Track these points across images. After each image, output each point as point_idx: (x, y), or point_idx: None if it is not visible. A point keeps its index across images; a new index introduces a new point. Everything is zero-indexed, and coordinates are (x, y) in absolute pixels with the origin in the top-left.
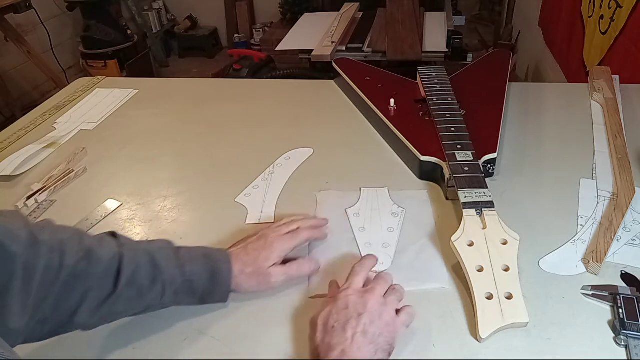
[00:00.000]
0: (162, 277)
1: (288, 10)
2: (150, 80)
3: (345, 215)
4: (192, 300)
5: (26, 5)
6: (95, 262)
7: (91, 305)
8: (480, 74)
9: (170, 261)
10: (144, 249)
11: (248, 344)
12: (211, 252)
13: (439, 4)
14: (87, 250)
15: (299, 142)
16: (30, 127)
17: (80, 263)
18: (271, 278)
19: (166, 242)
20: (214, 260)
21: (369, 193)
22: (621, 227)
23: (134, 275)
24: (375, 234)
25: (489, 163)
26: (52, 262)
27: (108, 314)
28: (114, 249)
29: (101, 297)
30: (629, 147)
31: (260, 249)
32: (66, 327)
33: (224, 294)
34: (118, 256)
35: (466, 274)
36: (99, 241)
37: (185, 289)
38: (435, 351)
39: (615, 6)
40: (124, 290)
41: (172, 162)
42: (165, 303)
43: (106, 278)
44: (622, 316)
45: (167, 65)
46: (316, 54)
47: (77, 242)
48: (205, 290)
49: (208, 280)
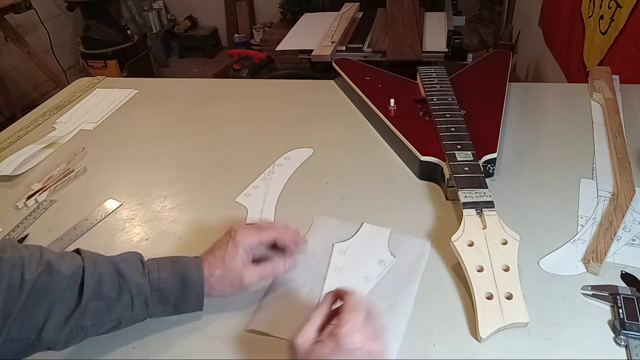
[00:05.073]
0: (128, 287)
1: (288, 10)
2: (150, 80)
3: (331, 250)
4: (166, 309)
5: (26, 5)
6: (57, 276)
7: (57, 321)
8: (480, 74)
9: (136, 270)
10: (107, 261)
11: (248, 344)
12: (180, 258)
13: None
14: (47, 264)
15: (299, 142)
16: (30, 127)
17: (41, 277)
18: (244, 280)
19: (133, 253)
20: (183, 266)
21: (369, 231)
22: (621, 227)
23: (98, 286)
24: (348, 280)
25: (489, 163)
26: (13, 279)
27: (76, 329)
28: (76, 262)
29: (66, 311)
30: (629, 147)
31: (224, 247)
32: (35, 346)
33: (197, 300)
34: (81, 269)
35: (466, 274)
36: (60, 256)
37: (155, 297)
38: (435, 351)
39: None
40: (89, 303)
41: (172, 162)
42: (138, 315)
43: (69, 291)
44: (622, 316)
45: (167, 65)
46: (316, 54)
47: (37, 257)
48: (177, 298)
49: (179, 287)
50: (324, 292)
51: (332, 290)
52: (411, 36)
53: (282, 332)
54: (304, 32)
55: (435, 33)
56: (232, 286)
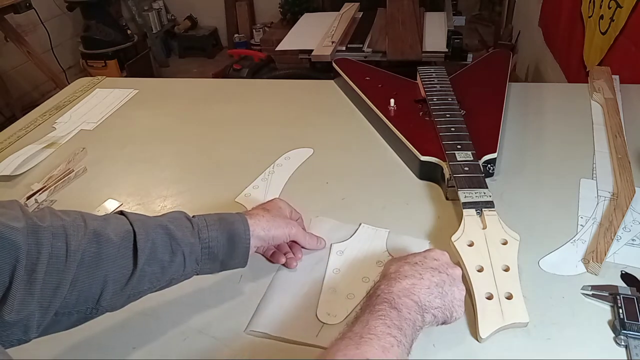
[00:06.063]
0: (180, 248)
1: (288, 10)
2: (150, 80)
3: (329, 250)
4: (214, 266)
5: (26, 5)
6: (106, 243)
7: (114, 288)
8: (480, 74)
9: (186, 230)
10: (157, 224)
11: (248, 344)
12: (226, 215)
13: (439, 4)
14: (93, 232)
15: (299, 142)
16: (30, 127)
17: (90, 247)
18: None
19: (179, 212)
20: (230, 223)
21: (366, 232)
22: (621, 227)
23: (153, 251)
24: (346, 281)
25: (489, 163)
26: (56, 249)
27: (133, 293)
28: (124, 226)
29: (122, 278)
30: (629, 147)
31: (269, 203)
32: (93, 314)
33: (243, 257)
34: (131, 234)
35: (466, 274)
36: (105, 221)
37: (205, 255)
38: (435, 351)
39: (615, 6)
40: (144, 268)
41: (172, 162)
42: (189, 273)
43: (122, 258)
44: (622, 316)
45: (167, 65)
46: (316, 54)
47: (81, 225)
48: (225, 255)
49: (227, 244)
50: (323, 292)
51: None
52: (411, 36)
53: (282, 333)
54: (304, 32)
55: (435, 33)
56: (279, 227)
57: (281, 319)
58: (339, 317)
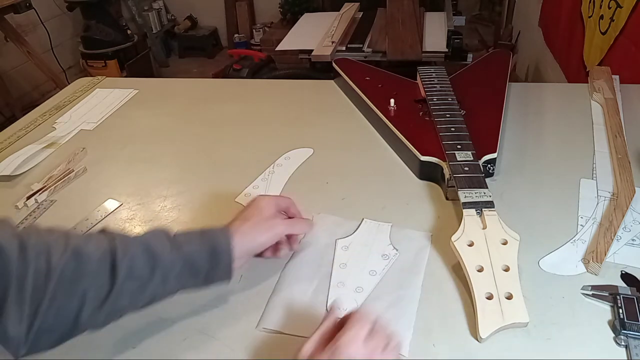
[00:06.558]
0: (160, 264)
1: (288, 10)
2: (150, 80)
3: (334, 246)
4: (197, 281)
5: (26, 5)
6: (86, 261)
7: (93, 305)
8: (480, 74)
9: (166, 246)
10: (136, 240)
11: (248, 344)
12: (207, 229)
13: (439, 4)
14: (74, 249)
15: (299, 142)
16: (30, 127)
17: (69, 264)
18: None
19: (160, 229)
20: (212, 236)
21: (369, 226)
22: (621, 227)
23: (131, 267)
24: (353, 275)
25: (489, 163)
26: (39, 266)
27: (113, 310)
28: (104, 244)
29: (101, 295)
30: (629, 147)
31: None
32: (74, 331)
33: (227, 270)
34: (110, 251)
35: (466, 274)
36: (86, 239)
37: (186, 271)
38: (435, 351)
39: (615, 6)
40: (123, 284)
41: (172, 162)
42: (171, 290)
43: (101, 275)
44: (622, 316)
45: (167, 65)
46: (316, 54)
47: (62, 243)
48: (208, 269)
49: (209, 258)
50: (332, 287)
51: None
52: (411, 36)
53: (295, 329)
54: (304, 32)
55: (435, 33)
56: (263, 232)
57: (293, 316)
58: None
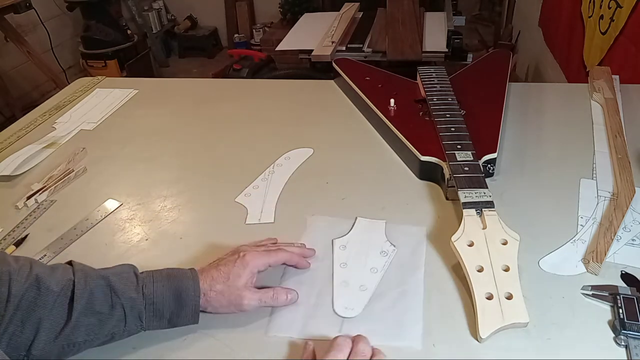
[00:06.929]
0: (120, 301)
1: (288, 10)
2: (150, 80)
3: (331, 246)
4: (161, 323)
5: (26, 5)
6: (45, 291)
7: (47, 337)
8: (480, 74)
9: (130, 284)
10: (99, 275)
11: (248, 343)
12: (175, 271)
13: (439, 4)
14: (36, 278)
15: (299, 142)
16: (30, 127)
17: (28, 292)
18: (243, 300)
19: (127, 266)
20: (178, 280)
21: (364, 224)
22: (621, 227)
23: (89, 302)
24: (355, 273)
25: (489, 163)
26: (0, 293)
27: (67, 345)
28: (67, 276)
29: (56, 327)
30: (629, 147)
31: (231, 264)
32: None
33: (193, 314)
34: (71, 283)
35: (466, 274)
36: (51, 270)
37: (150, 312)
38: (435, 351)
39: (615, 6)
40: (80, 318)
41: (172, 162)
42: (132, 329)
43: (58, 307)
44: (622, 316)
45: (167, 65)
46: (316, 54)
47: (26, 271)
48: (172, 312)
49: (174, 301)
50: (335, 287)
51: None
52: (411, 36)
53: (305, 333)
54: (304, 32)
55: (435, 33)
56: (230, 305)
57: (300, 319)
58: (357, 310)
